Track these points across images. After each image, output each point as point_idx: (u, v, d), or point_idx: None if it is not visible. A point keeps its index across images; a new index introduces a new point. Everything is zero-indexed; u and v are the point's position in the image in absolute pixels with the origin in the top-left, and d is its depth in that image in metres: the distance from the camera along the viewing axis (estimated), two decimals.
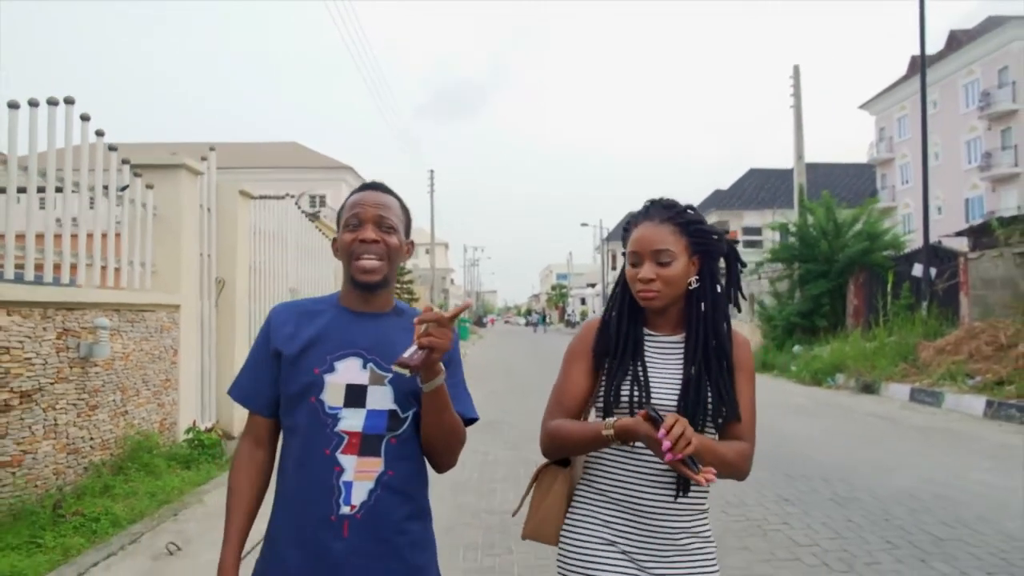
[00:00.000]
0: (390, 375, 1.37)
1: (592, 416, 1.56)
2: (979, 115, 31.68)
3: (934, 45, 40.09)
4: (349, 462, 1.33)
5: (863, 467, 5.93)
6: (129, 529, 3.83)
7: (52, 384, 4.28)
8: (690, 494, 1.44)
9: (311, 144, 44.30)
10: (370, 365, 1.38)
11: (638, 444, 1.39)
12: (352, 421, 1.34)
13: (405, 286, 21.71)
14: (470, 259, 75.01)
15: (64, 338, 4.41)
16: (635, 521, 1.45)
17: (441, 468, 1.48)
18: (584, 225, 49.85)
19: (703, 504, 1.49)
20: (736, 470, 1.47)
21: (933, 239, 12.95)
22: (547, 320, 65.21)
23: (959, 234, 13.63)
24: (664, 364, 1.50)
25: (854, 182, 41.76)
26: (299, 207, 10.42)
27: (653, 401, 1.45)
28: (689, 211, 1.52)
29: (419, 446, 1.43)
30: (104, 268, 5.16)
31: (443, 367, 1.32)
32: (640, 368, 1.48)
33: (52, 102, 4.61)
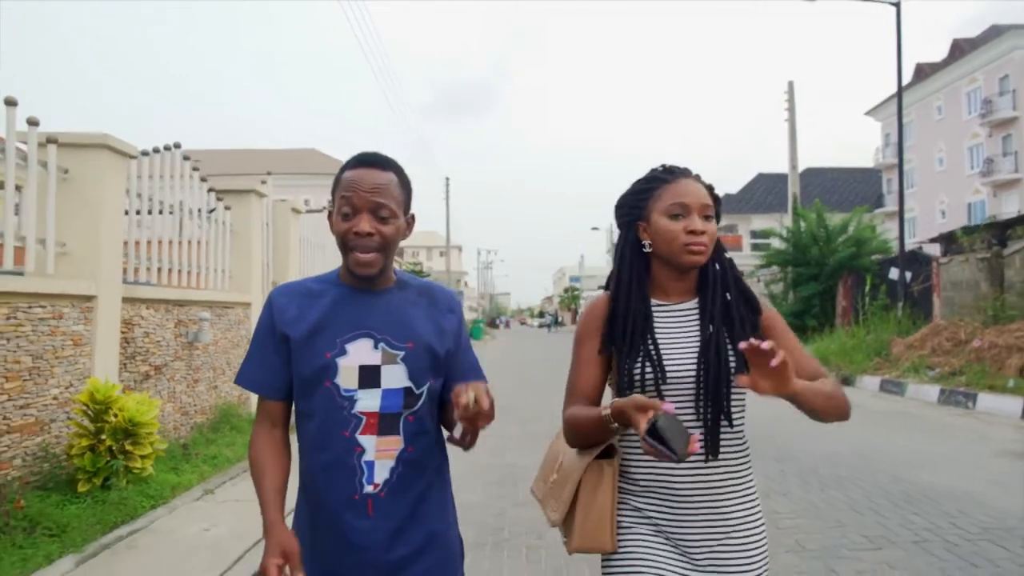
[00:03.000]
0: (402, 353, 1.37)
1: (608, 398, 1.44)
2: (981, 122, 32.54)
3: (938, 53, 40.77)
4: (369, 442, 1.33)
5: (804, 436, 7.17)
6: (241, 462, 5.23)
7: (172, 361, 5.69)
8: (722, 471, 1.36)
9: (326, 149, 45.67)
10: (381, 345, 1.37)
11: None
12: (369, 402, 1.34)
13: None
14: (483, 262, 76.47)
15: (179, 327, 5.81)
16: (671, 505, 1.36)
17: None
18: (595, 229, 50.93)
19: (743, 479, 1.39)
20: (832, 407, 1.37)
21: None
22: (559, 321, 66.40)
23: (932, 241, 14.75)
24: (677, 334, 1.42)
25: (861, 187, 42.58)
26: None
27: (669, 376, 1.36)
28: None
29: (436, 419, 1.44)
30: (198, 273, 6.55)
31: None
32: (651, 344, 1.39)
33: (166, 148, 6.01)
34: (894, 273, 13.79)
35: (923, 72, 37.30)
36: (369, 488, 1.32)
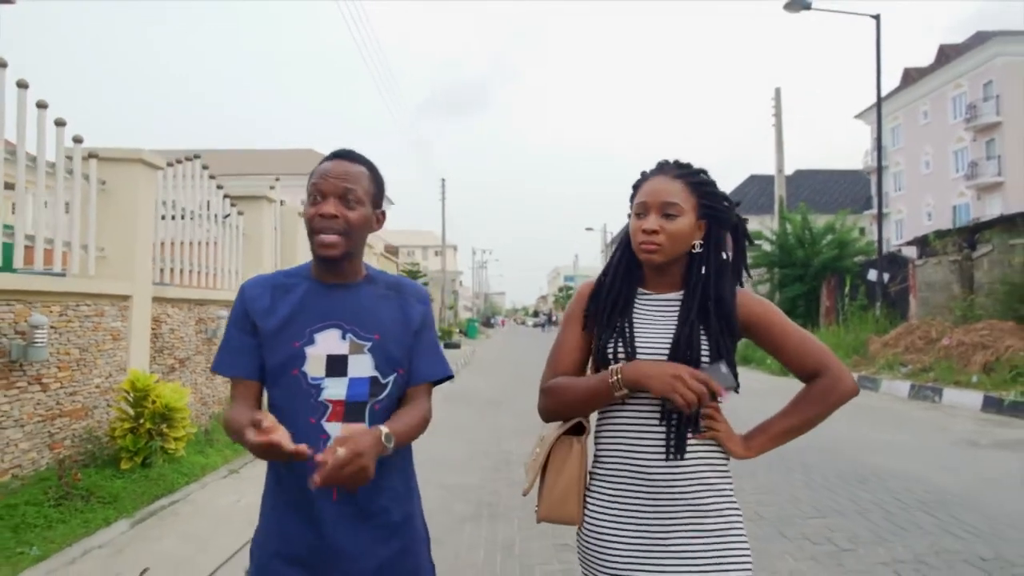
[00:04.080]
0: (369, 343, 1.40)
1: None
2: (965, 126, 33.22)
3: (925, 59, 41.46)
4: (334, 429, 1.35)
5: None
6: None
7: (193, 355, 6.19)
8: (696, 456, 1.37)
9: (325, 149, 45.96)
10: (349, 335, 1.40)
11: (640, 409, 1.37)
12: (335, 390, 1.37)
13: None
14: (478, 261, 76.98)
15: (199, 324, 6.32)
16: (642, 488, 1.37)
17: None
18: (589, 229, 51.51)
19: (718, 470, 1.40)
20: (824, 409, 1.42)
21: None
22: (553, 320, 66.98)
23: (908, 244, 15.36)
24: (655, 321, 1.44)
25: (850, 188, 43.26)
26: None
27: (639, 354, 1.40)
28: (703, 174, 1.48)
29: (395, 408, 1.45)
30: (214, 275, 7.05)
31: (374, 455, 1.25)
32: (627, 325, 1.43)
33: (187, 159, 6.51)
34: (872, 275, 14.40)
35: (910, 77, 38.00)
36: None
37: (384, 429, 1.31)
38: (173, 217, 6.18)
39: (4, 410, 3.85)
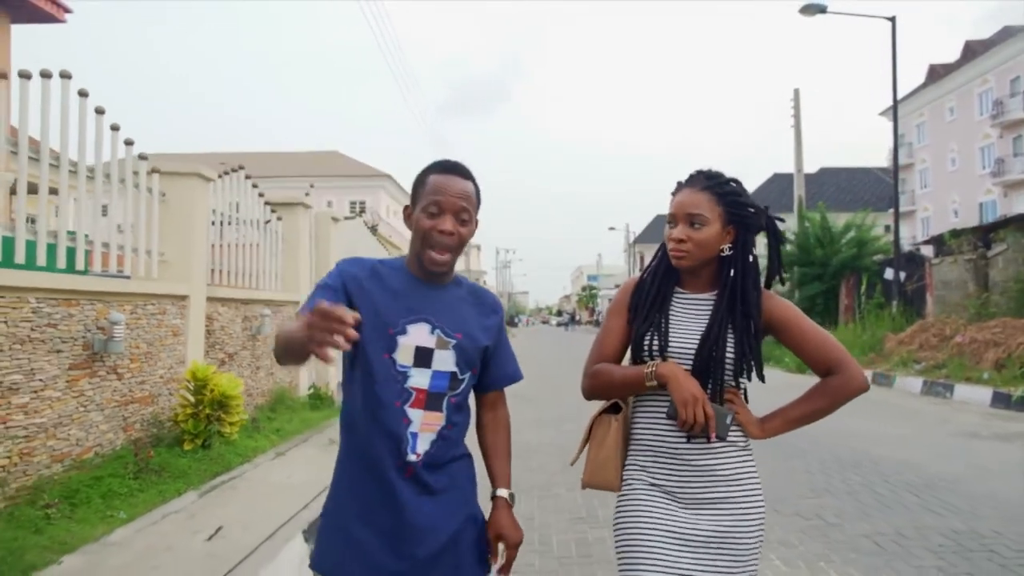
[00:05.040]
0: (454, 341, 1.51)
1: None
2: (992, 123, 32.87)
3: (951, 55, 40.99)
4: (416, 415, 1.47)
5: None
6: (300, 435, 6.30)
7: (240, 350, 6.77)
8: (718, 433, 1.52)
9: (348, 151, 46.83)
10: (437, 331, 1.50)
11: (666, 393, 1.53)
12: (419, 379, 1.48)
13: None
14: (502, 261, 77.55)
15: (245, 322, 6.89)
16: (670, 463, 1.55)
17: None
18: (612, 229, 51.73)
19: (739, 447, 1.57)
20: (833, 403, 1.59)
21: None
22: (576, 319, 67.31)
23: (925, 243, 15.49)
24: (689, 318, 1.60)
25: (875, 186, 42.93)
26: (366, 224, 12.94)
27: (671, 350, 1.56)
28: (731, 183, 1.60)
29: (469, 402, 1.59)
30: (256, 276, 7.62)
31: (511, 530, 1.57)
32: (663, 320, 1.59)
33: (232, 171, 7.09)
34: (889, 274, 14.58)
35: (936, 73, 37.63)
36: (412, 457, 1.46)
37: (503, 494, 1.60)
38: (222, 223, 6.76)
39: (88, 396, 4.42)
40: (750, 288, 1.58)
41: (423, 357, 1.49)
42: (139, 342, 5.03)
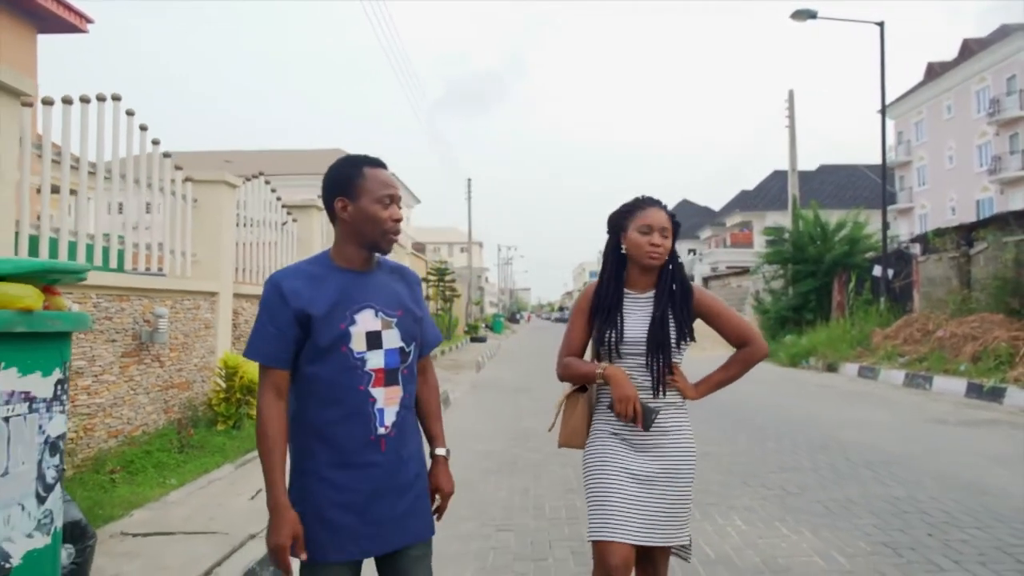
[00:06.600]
0: (395, 319, 1.69)
1: (588, 355, 2.19)
2: (988, 121, 33.28)
3: (949, 53, 41.31)
4: (379, 393, 1.64)
5: (767, 408, 8.66)
6: None
7: None
8: (662, 399, 2.02)
9: (351, 149, 47.19)
10: (380, 314, 1.67)
11: (632, 372, 2.01)
12: (376, 360, 1.64)
13: (448, 284, 24.37)
14: (503, 258, 78.09)
15: None
16: (628, 423, 2.00)
17: None
18: None
19: (679, 408, 2.07)
20: (745, 368, 2.13)
21: None
22: None
23: (913, 241, 16.02)
24: (637, 313, 2.06)
25: (873, 184, 43.20)
26: None
27: (626, 340, 2.02)
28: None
29: (416, 371, 1.78)
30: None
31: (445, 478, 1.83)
32: (619, 318, 2.04)
33: (254, 177, 7.66)
34: (877, 271, 15.11)
35: (934, 71, 38.01)
36: (382, 430, 1.63)
37: (441, 452, 1.83)
38: (245, 225, 7.34)
39: (137, 381, 5.01)
40: (684, 281, 2.08)
41: (374, 340, 1.65)
42: (177, 334, 5.62)
